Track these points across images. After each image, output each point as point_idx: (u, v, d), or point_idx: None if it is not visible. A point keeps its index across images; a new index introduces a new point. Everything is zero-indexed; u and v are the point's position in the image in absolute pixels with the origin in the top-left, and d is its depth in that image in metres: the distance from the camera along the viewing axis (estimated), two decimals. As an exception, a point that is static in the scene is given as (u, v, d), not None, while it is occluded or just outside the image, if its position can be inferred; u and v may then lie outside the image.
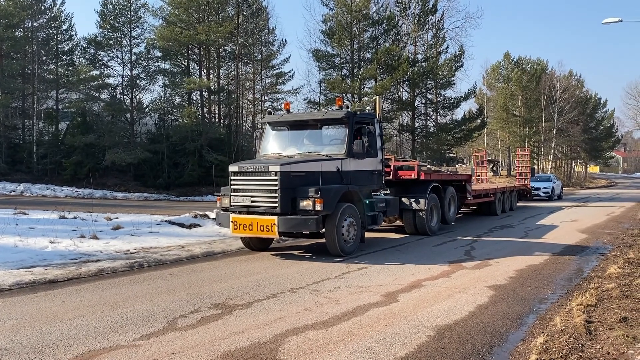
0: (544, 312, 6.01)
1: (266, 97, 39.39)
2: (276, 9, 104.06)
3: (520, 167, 25.57)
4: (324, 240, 9.67)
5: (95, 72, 33.83)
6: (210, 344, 4.79)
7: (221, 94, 34.06)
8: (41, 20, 34.93)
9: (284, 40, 49.47)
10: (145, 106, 34.96)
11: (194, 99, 34.63)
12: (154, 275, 8.00)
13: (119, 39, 33.40)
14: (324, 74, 35.51)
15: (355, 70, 34.11)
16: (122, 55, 33.65)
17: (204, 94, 33.61)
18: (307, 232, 9.83)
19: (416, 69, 35.70)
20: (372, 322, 5.49)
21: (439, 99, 37.63)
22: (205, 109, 34.07)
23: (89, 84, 33.70)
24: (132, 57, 33.41)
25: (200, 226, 13.09)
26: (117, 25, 33.05)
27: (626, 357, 4.35)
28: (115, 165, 30.47)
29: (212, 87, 33.10)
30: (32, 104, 33.48)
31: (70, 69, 34.89)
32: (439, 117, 38.27)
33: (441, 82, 36.83)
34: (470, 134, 37.96)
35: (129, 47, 33.32)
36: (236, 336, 5.01)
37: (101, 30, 33.16)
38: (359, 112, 11.11)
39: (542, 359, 4.35)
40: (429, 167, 14.56)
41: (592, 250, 10.62)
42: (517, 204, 21.51)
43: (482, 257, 9.51)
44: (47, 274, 7.65)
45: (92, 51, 33.92)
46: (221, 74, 35.80)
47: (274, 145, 10.83)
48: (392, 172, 12.72)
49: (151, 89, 60.09)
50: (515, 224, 15.71)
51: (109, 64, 34.23)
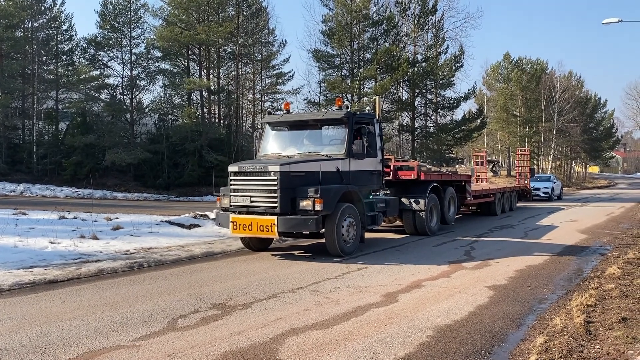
0: (543, 312, 6.01)
1: (266, 98, 39.44)
2: (276, 9, 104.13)
3: (520, 168, 25.57)
4: (323, 240, 9.67)
5: (95, 73, 33.87)
6: (210, 344, 4.79)
7: (221, 94, 34.06)
8: (41, 20, 34.90)
9: (283, 40, 49.56)
10: (145, 106, 34.98)
11: (194, 99, 34.65)
12: (154, 275, 8.01)
13: (119, 39, 33.41)
14: (323, 74, 35.59)
15: (355, 70, 34.11)
16: (122, 55, 33.71)
17: (203, 94, 33.62)
18: (307, 232, 9.84)
19: (416, 69, 35.70)
20: (371, 322, 5.49)
21: (438, 99, 37.63)
22: (205, 109, 34.08)
23: (89, 84, 33.71)
24: (132, 58, 33.43)
25: (200, 226, 13.08)
26: (117, 25, 33.05)
27: (626, 357, 4.35)
28: (115, 165, 30.46)
29: (212, 88, 33.10)
30: (32, 104, 33.45)
31: (70, 69, 34.88)
32: (438, 118, 38.27)
33: (441, 82, 36.83)
34: (470, 134, 37.96)
35: (128, 48, 33.35)
36: (236, 336, 5.02)
37: (101, 30, 33.17)
38: (358, 113, 11.10)
39: (542, 359, 4.35)
40: (428, 167, 14.57)
41: (592, 250, 10.62)
42: (517, 204, 21.52)
43: (482, 258, 9.51)
44: (46, 274, 7.66)
45: (92, 51, 33.92)
46: (221, 74, 35.83)
47: (274, 145, 10.84)
48: (391, 173, 12.72)
49: (151, 89, 60.04)
50: (515, 224, 15.71)
51: (109, 64, 34.30)
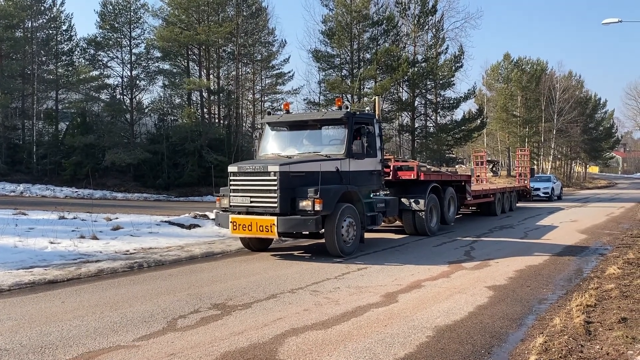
0: (543, 312, 6.01)
1: (266, 98, 39.44)
2: (276, 9, 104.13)
3: (519, 168, 25.57)
4: (323, 240, 9.66)
5: (95, 73, 33.84)
6: (209, 345, 4.79)
7: (221, 95, 34.07)
8: (41, 20, 34.87)
9: (283, 40, 49.49)
10: (145, 106, 34.99)
11: (194, 99, 34.66)
12: (154, 275, 8.01)
13: (119, 40, 33.40)
14: (323, 74, 35.59)
15: (355, 70, 34.12)
16: (121, 55, 33.69)
17: (203, 94, 33.63)
18: (307, 233, 9.83)
19: (416, 70, 35.71)
20: (371, 322, 5.49)
21: (438, 100, 37.64)
22: (205, 110, 34.09)
23: (89, 84, 33.69)
24: (132, 58, 33.42)
25: (199, 226, 13.08)
26: (116, 25, 33.05)
27: (625, 357, 4.35)
28: (115, 165, 30.46)
29: (211, 88, 33.11)
30: (32, 104, 33.42)
31: (70, 69, 34.85)
32: (438, 118, 38.28)
33: (441, 82, 36.84)
34: (470, 134, 37.98)
35: (128, 48, 33.34)
36: (236, 337, 5.02)
37: (101, 30, 33.15)
38: (358, 113, 11.11)
39: (542, 359, 4.35)
40: (428, 167, 14.56)
41: (592, 250, 10.62)
42: (517, 205, 21.52)
43: (482, 258, 9.51)
44: (46, 275, 7.65)
45: (92, 51, 33.89)
46: (221, 75, 35.84)
47: (274, 145, 10.84)
48: (391, 173, 12.71)
49: (151, 90, 60.04)
50: (514, 224, 15.71)
51: (109, 65, 34.27)
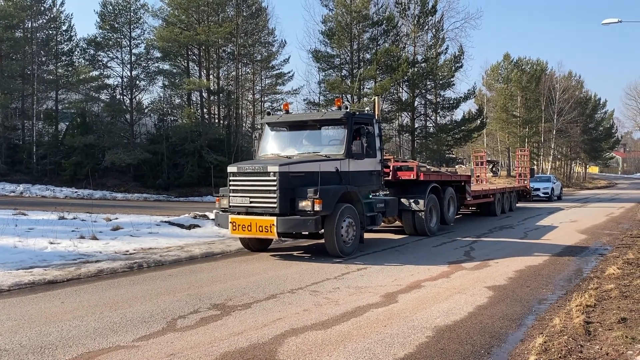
0: (543, 312, 6.01)
1: (266, 98, 39.44)
2: (276, 9, 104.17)
3: (519, 168, 25.57)
4: (323, 240, 9.67)
5: (94, 73, 33.83)
6: (209, 345, 4.79)
7: (221, 95, 34.07)
8: (41, 20, 34.86)
9: (283, 41, 49.37)
10: (144, 107, 34.98)
11: (194, 99, 34.67)
12: (153, 276, 8.01)
13: (119, 40, 33.39)
14: (323, 74, 35.59)
15: (354, 70, 34.12)
16: (121, 55, 33.68)
17: (203, 94, 33.63)
18: (306, 233, 9.83)
19: (416, 70, 35.70)
20: (371, 322, 5.49)
21: (438, 100, 37.64)
22: (204, 110, 34.09)
23: (89, 84, 33.70)
24: (132, 58, 33.43)
25: (199, 227, 13.08)
26: (116, 25, 33.04)
27: (625, 357, 4.35)
28: (114, 165, 30.46)
29: (211, 88, 33.11)
30: (32, 104, 33.42)
31: (69, 69, 34.84)
32: (438, 118, 38.28)
33: (441, 82, 36.83)
34: (469, 134, 37.97)
35: (128, 48, 33.34)
36: (235, 337, 5.02)
37: (101, 30, 33.14)
38: (358, 113, 11.10)
39: (541, 359, 4.35)
40: (428, 167, 14.55)
41: (592, 251, 10.62)
42: (517, 205, 21.52)
43: (482, 258, 9.51)
44: (46, 275, 7.65)
45: (92, 52, 33.88)
46: (221, 75, 35.83)
47: (273, 145, 10.83)
48: (391, 173, 12.71)
49: (151, 90, 59.79)
50: (514, 224, 15.71)
51: (109, 65, 34.26)
